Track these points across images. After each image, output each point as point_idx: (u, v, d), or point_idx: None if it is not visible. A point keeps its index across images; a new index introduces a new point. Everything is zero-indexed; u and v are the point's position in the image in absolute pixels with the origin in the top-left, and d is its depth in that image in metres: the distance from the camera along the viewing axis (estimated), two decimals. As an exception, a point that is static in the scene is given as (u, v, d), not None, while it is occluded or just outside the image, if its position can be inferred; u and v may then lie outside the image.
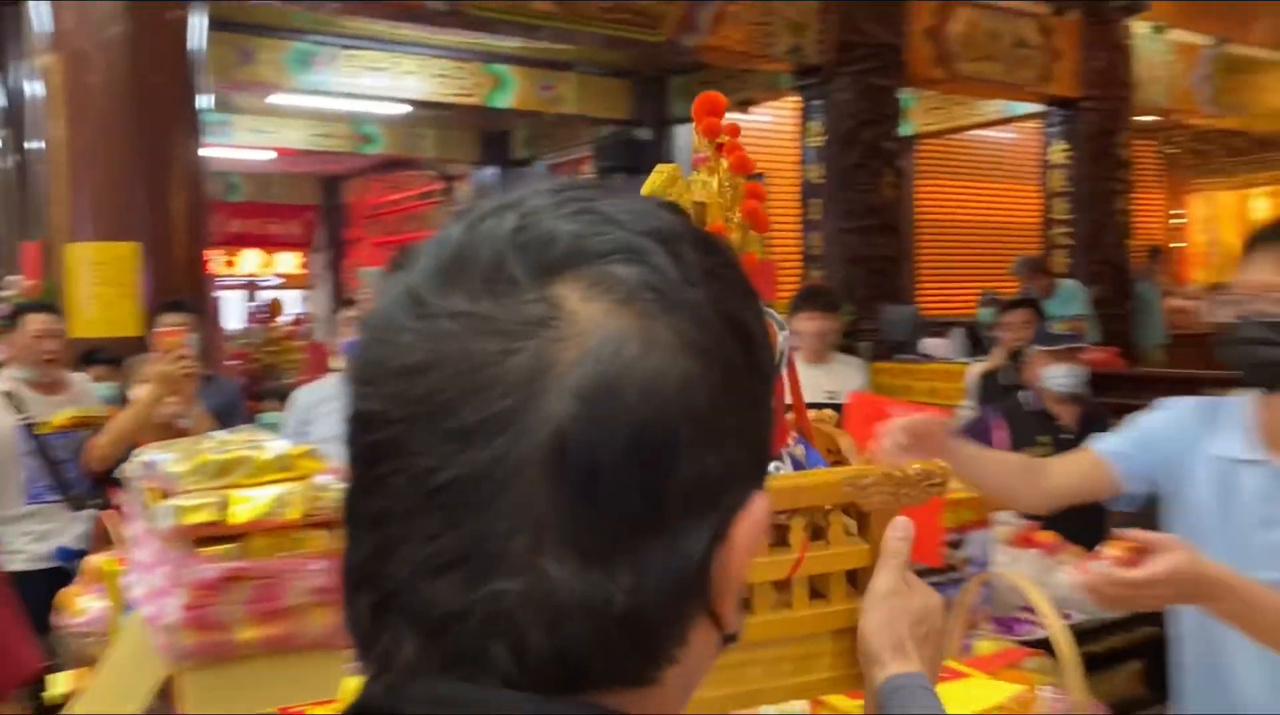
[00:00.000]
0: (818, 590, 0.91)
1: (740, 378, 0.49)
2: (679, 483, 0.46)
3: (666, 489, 0.45)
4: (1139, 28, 7.95)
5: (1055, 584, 2.73)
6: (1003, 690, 1.26)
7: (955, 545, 2.49)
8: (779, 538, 0.89)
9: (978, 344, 5.94)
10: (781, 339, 0.98)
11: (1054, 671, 1.45)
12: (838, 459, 1.05)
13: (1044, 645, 2.50)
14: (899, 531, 0.88)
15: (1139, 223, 8.93)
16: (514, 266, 0.46)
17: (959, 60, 7.05)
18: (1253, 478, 1.55)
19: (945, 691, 1.28)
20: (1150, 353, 7.90)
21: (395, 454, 0.45)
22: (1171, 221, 11.38)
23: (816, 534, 0.91)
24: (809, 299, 4.12)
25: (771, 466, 0.86)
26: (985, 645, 1.58)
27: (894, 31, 6.51)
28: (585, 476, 0.44)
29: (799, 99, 6.88)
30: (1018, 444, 3.69)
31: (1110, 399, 5.01)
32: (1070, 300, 6.45)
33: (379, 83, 7.81)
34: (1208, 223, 11.19)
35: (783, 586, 0.90)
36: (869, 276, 6.54)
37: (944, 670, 1.36)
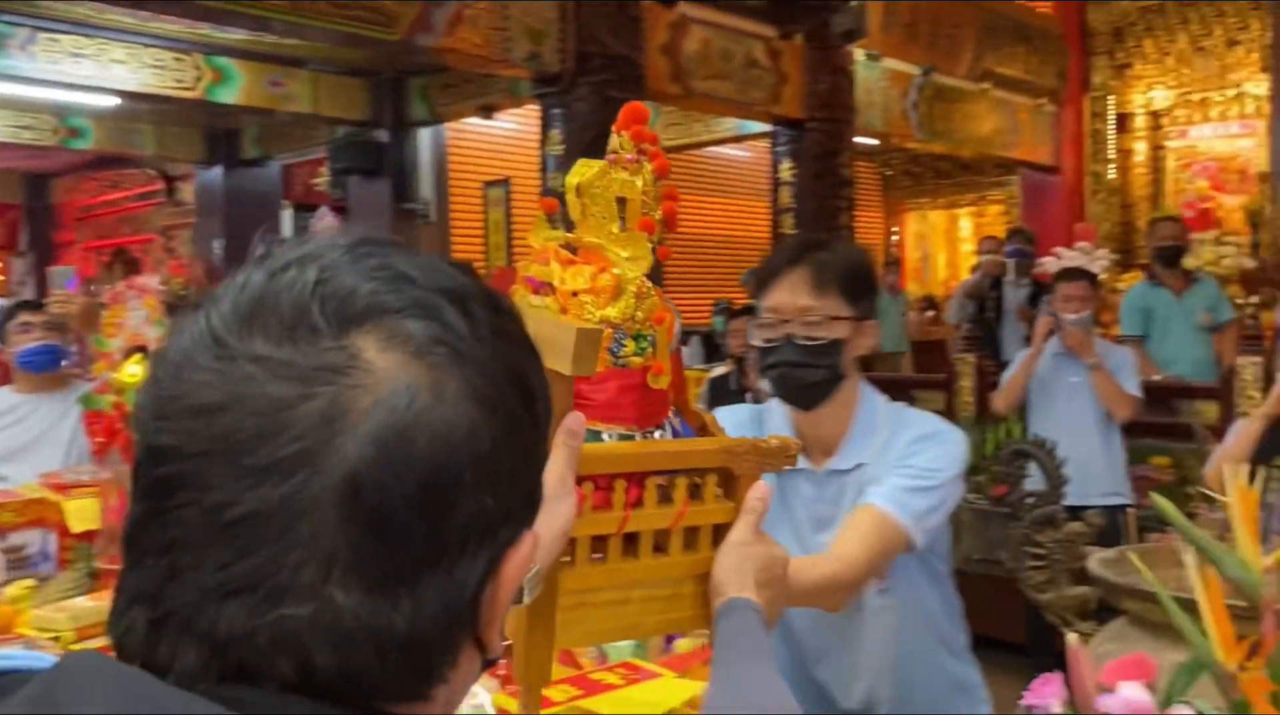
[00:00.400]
0: (689, 541, 1.06)
1: (520, 428, 0.54)
2: (460, 521, 0.50)
3: (449, 527, 0.50)
4: (858, 54, 8.49)
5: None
6: (685, 690, 1.24)
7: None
8: (664, 495, 1.02)
9: (714, 351, 6.14)
10: (677, 324, 1.11)
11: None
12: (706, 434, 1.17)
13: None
14: (758, 493, 1.05)
15: (861, 238, 9.56)
16: (316, 316, 0.49)
17: (694, 77, 7.27)
18: (801, 484, 1.70)
19: (629, 693, 1.25)
20: (893, 359, 8.53)
21: (188, 487, 0.48)
22: (891, 238, 12.27)
23: (693, 493, 1.05)
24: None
25: (656, 434, 1.04)
26: (684, 644, 1.57)
27: (631, 45, 6.62)
28: (375, 515, 0.47)
29: (540, 106, 6.87)
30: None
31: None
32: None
33: (82, 71, 7.13)
34: (920, 239, 12.14)
35: (661, 536, 1.04)
36: (610, 285, 6.60)
37: (636, 671, 1.35)
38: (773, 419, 1.74)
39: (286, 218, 10.87)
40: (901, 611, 1.73)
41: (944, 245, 12.10)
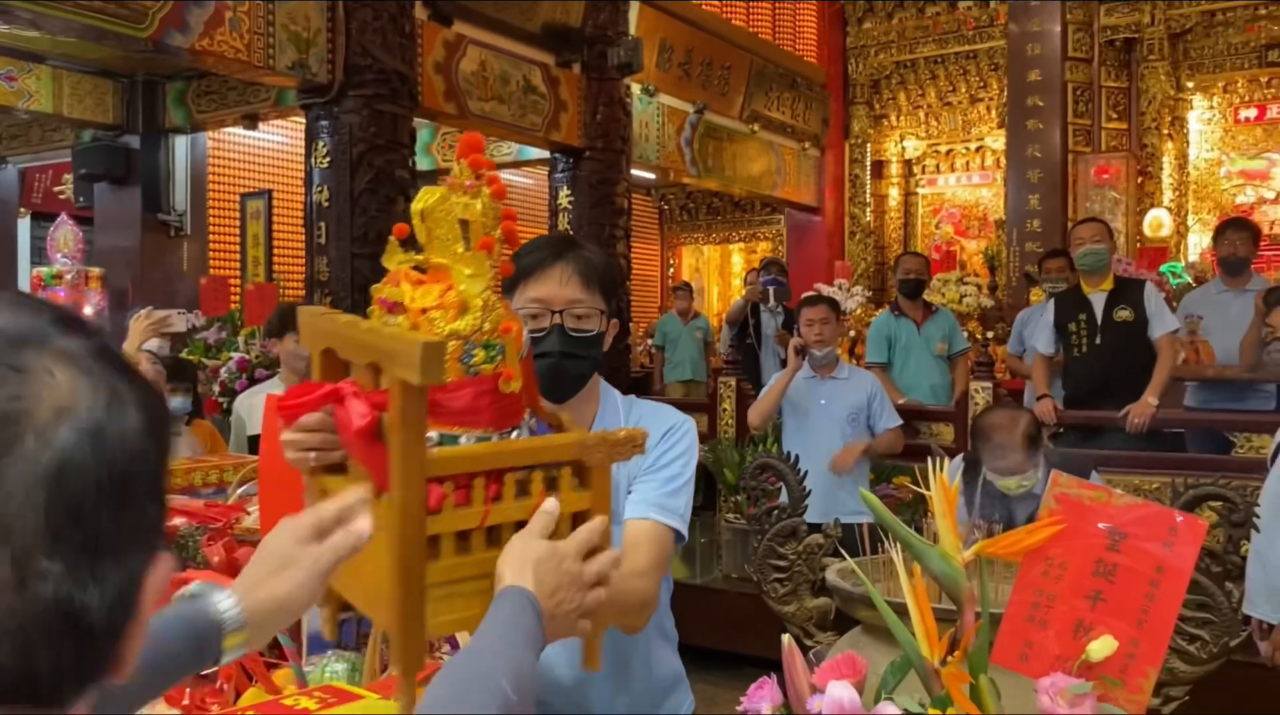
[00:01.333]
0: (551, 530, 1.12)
1: (162, 450, 0.62)
2: (134, 517, 0.58)
3: (128, 519, 0.58)
4: (635, 88, 8.66)
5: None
6: (385, 711, 1.16)
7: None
8: (521, 489, 1.10)
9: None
10: (526, 336, 1.19)
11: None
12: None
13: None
14: (548, 506, 1.09)
15: (640, 269, 9.72)
16: None
17: (470, 98, 7.18)
18: None
19: (325, 716, 1.15)
20: (692, 387, 8.95)
21: None
22: (668, 269, 12.56)
23: (550, 485, 1.12)
24: (295, 320, 3.86)
25: (513, 434, 1.14)
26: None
27: (404, 60, 6.46)
28: (73, 500, 0.55)
29: (306, 117, 6.59)
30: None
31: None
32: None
33: None
34: (695, 272, 12.49)
35: (521, 526, 1.10)
36: (378, 305, 6.38)
37: (336, 694, 1.24)
38: None
39: (23, 226, 9.95)
40: None
41: (717, 278, 12.50)
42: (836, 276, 9.76)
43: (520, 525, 1.10)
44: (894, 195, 11.93)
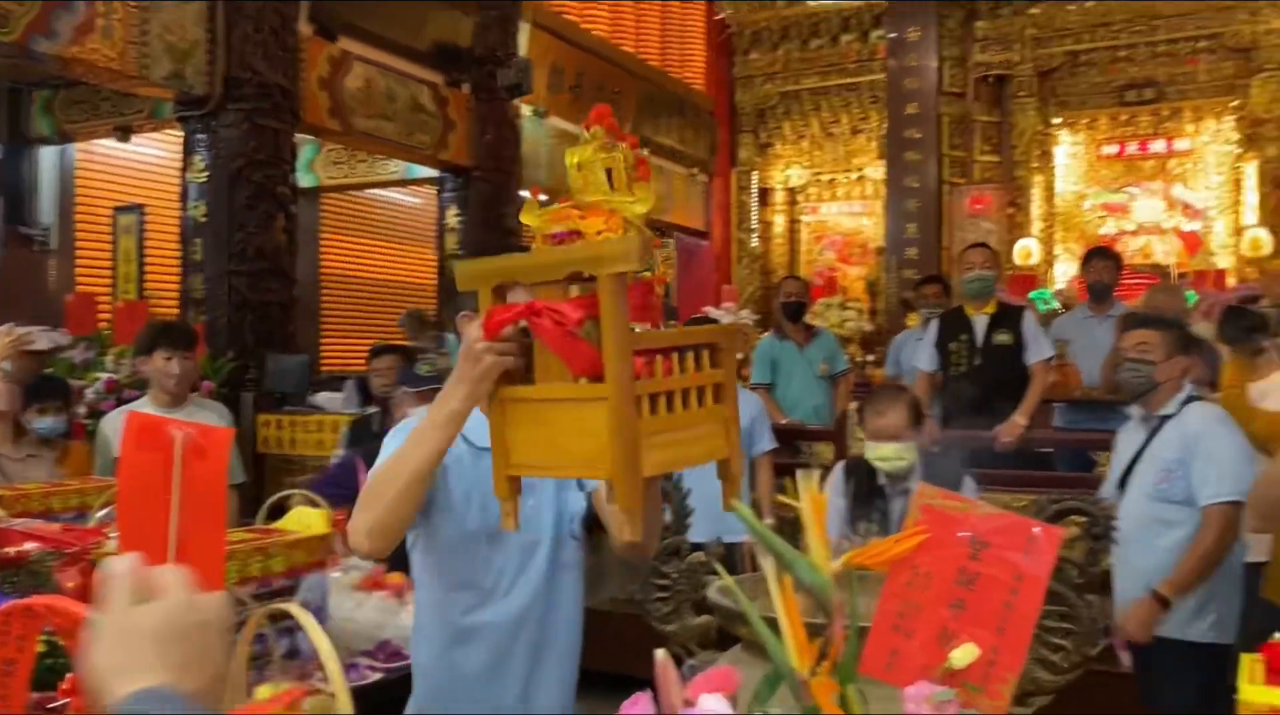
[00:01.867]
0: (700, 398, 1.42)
1: None
2: None
3: None
4: (525, 110, 8.66)
5: (402, 625, 2.68)
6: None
7: (291, 590, 2.33)
8: (682, 364, 1.39)
9: (370, 395, 5.89)
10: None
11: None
12: None
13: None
14: (119, 565, 0.84)
15: (528, 290, 9.64)
16: None
17: (355, 115, 7.07)
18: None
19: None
20: None
21: None
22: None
23: (697, 363, 1.43)
24: (164, 336, 3.71)
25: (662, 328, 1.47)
26: (264, 690, 1.43)
27: (286, 75, 6.32)
28: None
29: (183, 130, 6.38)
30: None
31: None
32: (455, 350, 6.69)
33: None
34: (585, 295, 12.51)
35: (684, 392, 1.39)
36: (258, 323, 6.19)
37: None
38: None
39: None
40: None
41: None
42: (724, 300, 9.90)
43: (685, 392, 1.38)
44: (780, 222, 12.18)
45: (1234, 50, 9.74)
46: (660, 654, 1.26)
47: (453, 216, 8.26)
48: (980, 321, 5.00)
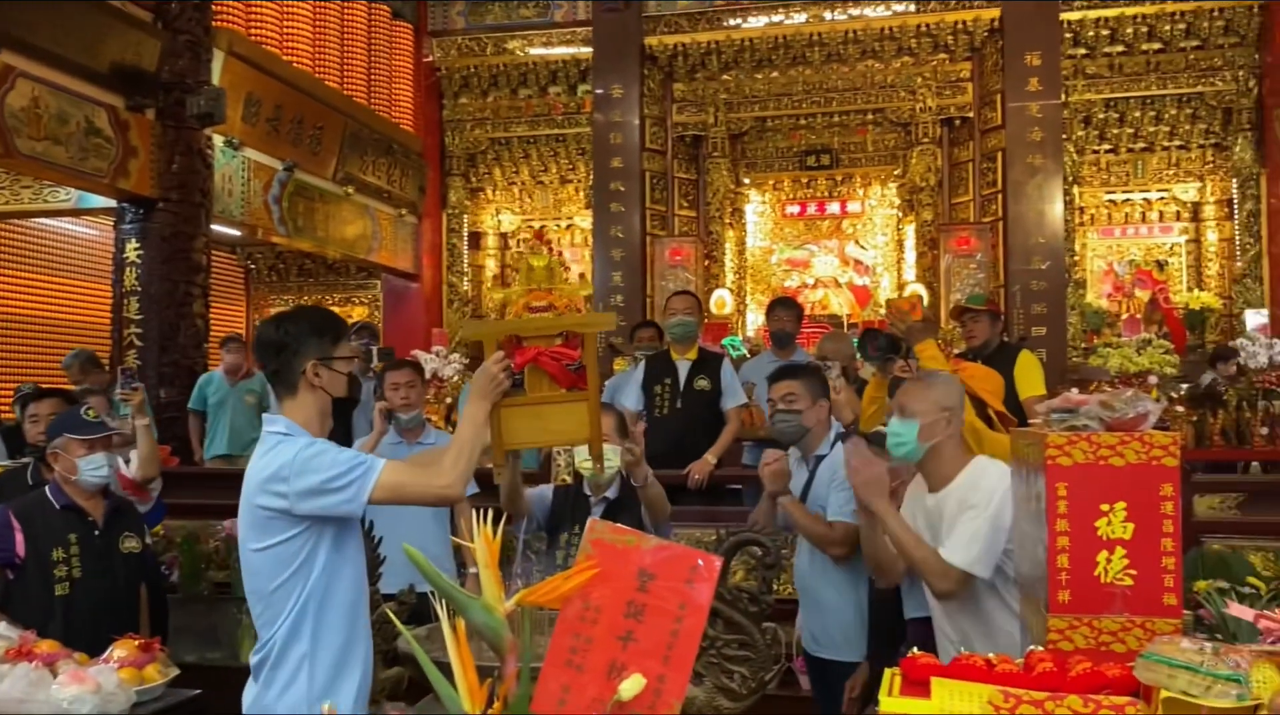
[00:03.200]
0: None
1: None
2: None
3: None
4: (217, 140, 8.19)
5: (52, 698, 2.41)
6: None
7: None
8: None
9: (21, 444, 5.28)
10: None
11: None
12: None
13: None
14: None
15: (223, 331, 9.06)
16: None
17: (19, 136, 6.41)
18: None
19: None
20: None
21: None
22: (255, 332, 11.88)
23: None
24: None
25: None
26: None
27: (-68, 85, 5.64)
28: None
29: None
30: (45, 544, 3.29)
31: (172, 499, 4.87)
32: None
33: None
34: (285, 336, 11.92)
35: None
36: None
37: None
38: None
39: None
40: None
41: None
42: (434, 343, 9.77)
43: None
44: (491, 266, 12.23)
45: (896, 124, 10.91)
46: (325, 707, 1.21)
47: (132, 250, 7.63)
48: (683, 366, 5.26)
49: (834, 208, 11.33)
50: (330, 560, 2.27)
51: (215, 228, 8.34)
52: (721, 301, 10.66)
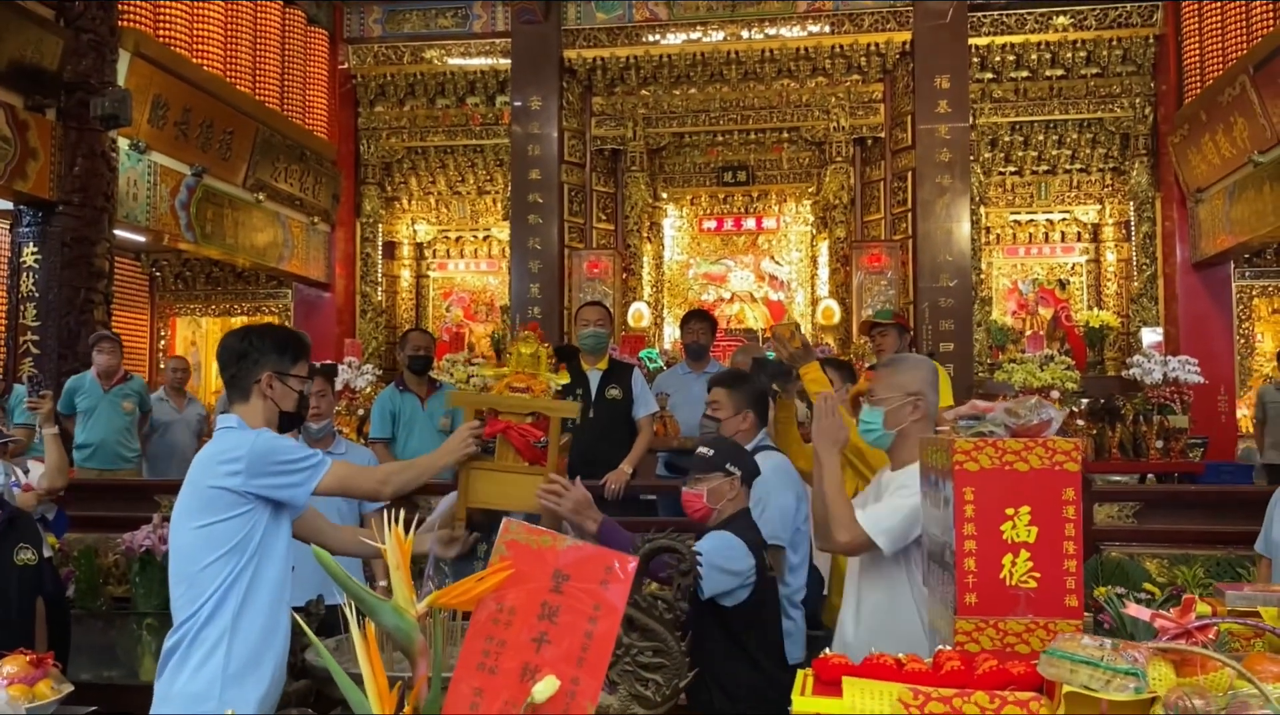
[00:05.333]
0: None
1: None
2: None
3: None
4: (122, 143, 7.95)
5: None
6: None
7: None
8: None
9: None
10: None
11: None
12: None
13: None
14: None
15: (126, 340, 8.76)
16: None
17: (-93, 132, 6.14)
18: None
19: None
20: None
21: None
22: (159, 341, 11.52)
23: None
24: None
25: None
26: None
27: None
28: None
29: None
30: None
31: (70, 511, 4.71)
32: (17, 406, 5.92)
33: None
34: (191, 346, 11.60)
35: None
36: None
37: None
38: None
39: None
40: None
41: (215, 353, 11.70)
42: (347, 354, 9.60)
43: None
44: (406, 276, 12.08)
45: (810, 143, 11.10)
46: None
47: (30, 254, 7.36)
48: (594, 376, 5.25)
49: (750, 223, 11.47)
50: (263, 546, 2.39)
51: (119, 233, 8.09)
52: (639, 314, 10.69)
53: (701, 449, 3.13)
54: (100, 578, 4.65)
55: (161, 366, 11.38)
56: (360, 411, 8.69)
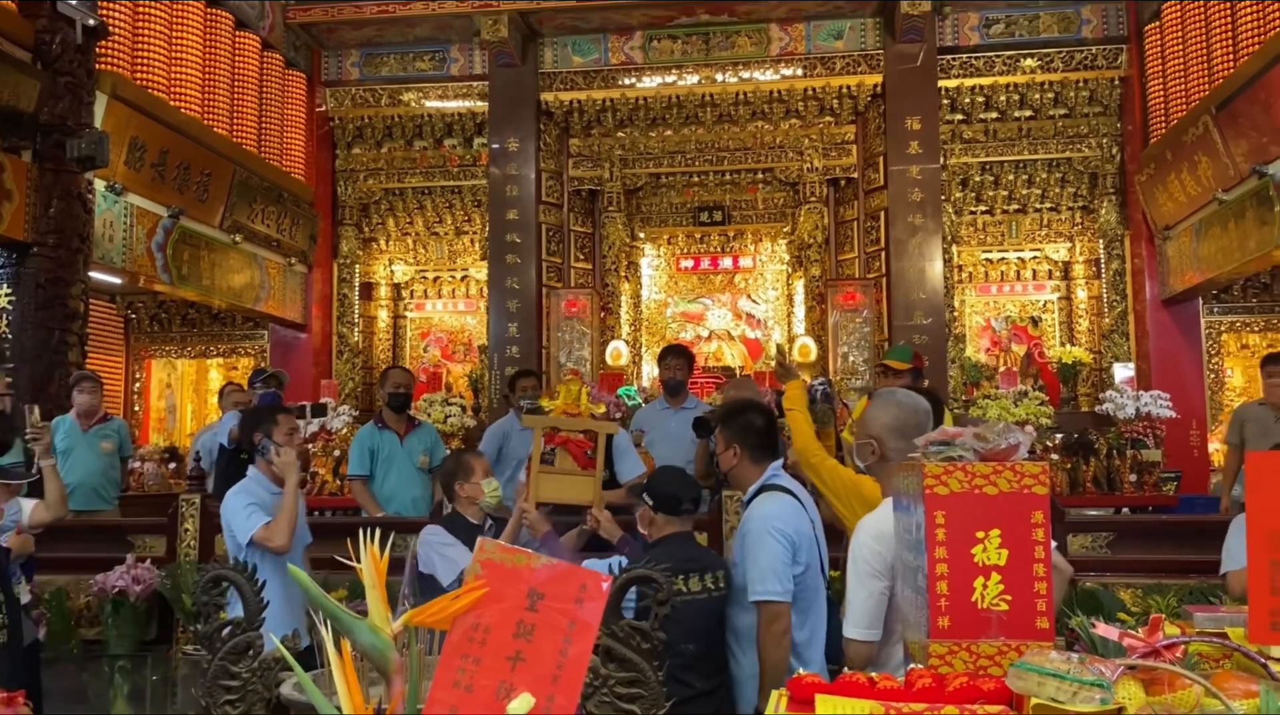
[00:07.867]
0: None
1: None
2: None
3: None
4: (99, 184, 7.95)
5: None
6: None
7: None
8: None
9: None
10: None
11: None
12: None
13: None
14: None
15: (104, 381, 8.70)
16: None
17: (-119, 173, 6.12)
18: None
19: None
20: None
21: None
22: (136, 384, 11.45)
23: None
24: None
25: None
26: None
27: None
28: None
29: None
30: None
31: (40, 552, 4.63)
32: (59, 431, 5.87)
33: None
34: (166, 389, 11.53)
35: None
36: None
37: None
38: None
39: None
40: None
41: (191, 396, 11.64)
42: (323, 395, 9.57)
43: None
44: (383, 317, 12.08)
45: (785, 183, 11.25)
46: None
47: (3, 296, 7.33)
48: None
49: (726, 263, 11.57)
50: None
51: (94, 274, 8.06)
52: (617, 353, 10.73)
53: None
54: (72, 620, 4.59)
55: (136, 408, 11.33)
56: (336, 452, 8.66)
